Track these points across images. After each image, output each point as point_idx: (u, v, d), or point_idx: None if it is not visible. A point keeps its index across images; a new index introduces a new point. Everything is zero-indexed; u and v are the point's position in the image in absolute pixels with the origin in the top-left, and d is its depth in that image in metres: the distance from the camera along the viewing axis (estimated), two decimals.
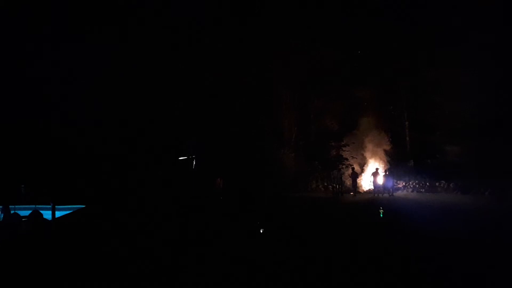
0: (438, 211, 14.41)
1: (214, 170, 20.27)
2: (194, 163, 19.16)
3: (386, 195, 19.21)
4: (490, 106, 18.68)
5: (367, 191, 21.70)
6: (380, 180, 19.94)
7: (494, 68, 18.60)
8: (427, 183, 20.66)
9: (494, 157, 18.07)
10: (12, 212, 9.52)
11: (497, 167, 17.59)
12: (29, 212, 9.23)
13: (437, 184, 20.41)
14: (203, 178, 19.20)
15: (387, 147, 22.51)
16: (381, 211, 12.47)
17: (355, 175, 20.94)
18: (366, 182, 22.34)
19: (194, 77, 21.48)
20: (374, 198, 18.65)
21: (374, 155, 22.52)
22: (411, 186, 20.86)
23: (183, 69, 21.17)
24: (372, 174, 20.45)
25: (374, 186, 20.09)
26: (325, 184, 22.38)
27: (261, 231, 10.09)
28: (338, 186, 20.82)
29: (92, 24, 20.21)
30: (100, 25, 20.24)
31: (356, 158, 22.82)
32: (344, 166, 21.98)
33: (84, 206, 12.79)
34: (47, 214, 9.91)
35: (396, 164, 21.57)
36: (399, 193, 19.92)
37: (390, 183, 19.70)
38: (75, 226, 10.29)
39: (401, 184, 20.93)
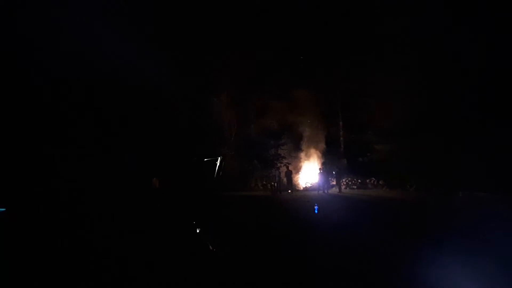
0: (358, 204, 15.48)
1: (151, 170, 19.66)
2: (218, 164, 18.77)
3: (321, 192, 19.97)
4: (419, 107, 19.88)
5: (304, 188, 22.42)
6: (320, 178, 20.70)
7: (423, 71, 19.81)
8: (359, 180, 21.86)
9: (421, 155, 19.39)
10: None
11: (424, 165, 19.02)
12: None
13: (367, 181, 21.67)
14: (138, 177, 18.54)
15: (322, 146, 23.42)
16: (316, 207, 12.95)
17: (289, 173, 21.53)
18: (302, 180, 23.06)
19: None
20: (311, 195, 19.27)
21: (310, 153, 23.34)
22: (344, 183, 21.90)
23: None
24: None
25: (319, 184, 20.76)
26: (264, 182, 22.76)
27: (198, 231, 9.99)
28: (276, 184, 21.28)
29: None
30: None
31: (293, 156, 23.50)
32: (282, 165, 22.50)
33: (4, 209, 11.78)
34: None
35: (330, 163, 22.50)
36: (332, 190, 20.80)
37: (325, 181, 20.51)
38: None
39: (334, 181, 21.87)
